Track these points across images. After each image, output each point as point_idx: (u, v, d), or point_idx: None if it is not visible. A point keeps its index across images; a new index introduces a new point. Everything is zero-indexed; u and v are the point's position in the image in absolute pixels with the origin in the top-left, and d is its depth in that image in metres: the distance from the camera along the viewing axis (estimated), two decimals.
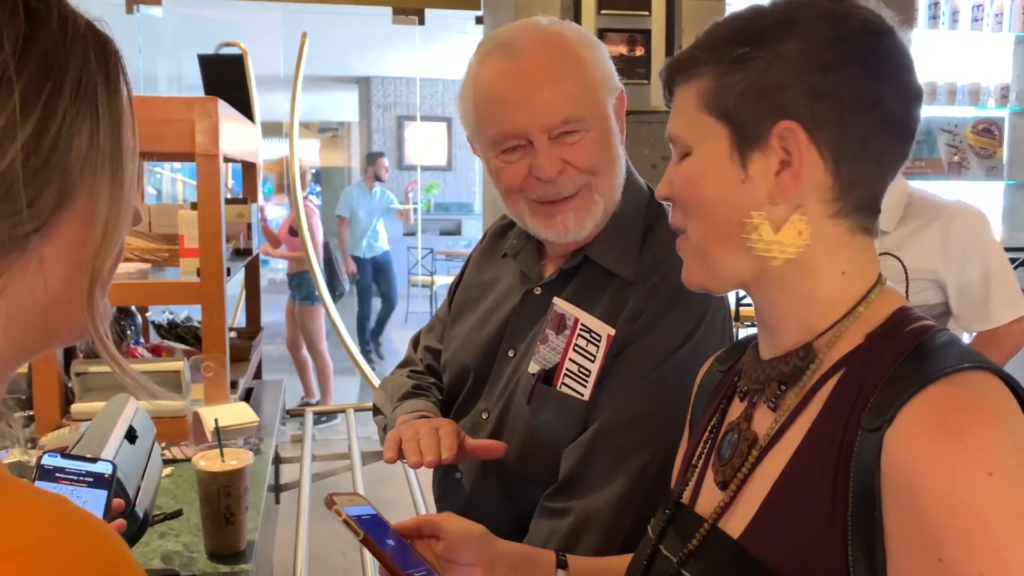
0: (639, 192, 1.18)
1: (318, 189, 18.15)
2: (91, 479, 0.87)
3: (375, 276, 7.09)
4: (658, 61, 3.82)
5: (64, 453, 0.90)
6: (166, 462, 1.77)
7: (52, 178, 0.51)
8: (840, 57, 0.69)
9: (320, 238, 5.69)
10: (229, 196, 3.11)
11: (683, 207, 0.76)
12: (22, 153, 0.49)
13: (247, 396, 2.31)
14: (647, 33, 3.79)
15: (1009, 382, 0.65)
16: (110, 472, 0.88)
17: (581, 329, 1.07)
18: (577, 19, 3.82)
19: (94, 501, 0.85)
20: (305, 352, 5.65)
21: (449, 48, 7.35)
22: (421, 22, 5.24)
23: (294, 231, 5.22)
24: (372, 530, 0.83)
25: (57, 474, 0.87)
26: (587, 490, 1.03)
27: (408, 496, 2.19)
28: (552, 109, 1.05)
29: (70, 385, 1.94)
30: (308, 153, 14.96)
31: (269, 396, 2.39)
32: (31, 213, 0.50)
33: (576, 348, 1.07)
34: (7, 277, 0.51)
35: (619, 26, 3.79)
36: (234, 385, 2.20)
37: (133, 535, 1.04)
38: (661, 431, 0.99)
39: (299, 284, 5.61)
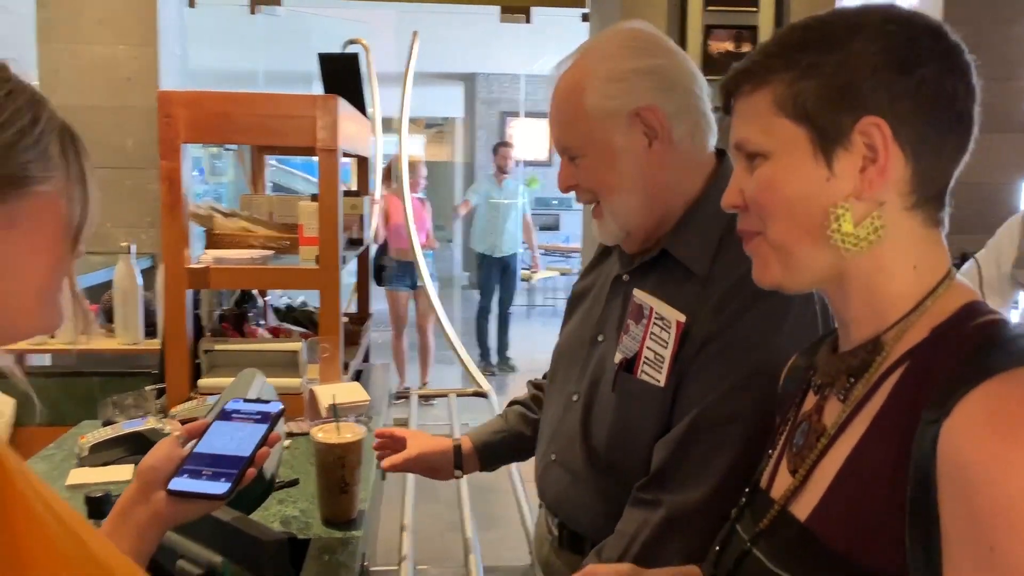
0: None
1: (426, 185, 18.54)
2: (259, 416, 0.99)
3: (500, 279, 7.04)
4: None
5: (245, 399, 1.04)
6: (288, 435, 1.90)
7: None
8: (916, 56, 0.72)
9: (428, 229, 5.91)
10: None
11: (761, 210, 0.79)
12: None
13: (357, 377, 2.44)
14: (754, 29, 3.76)
15: None
16: (277, 411, 1.01)
17: (656, 317, 1.13)
18: (683, 16, 3.82)
19: (255, 433, 0.97)
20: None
21: (554, 45, 7.41)
22: (528, 20, 5.31)
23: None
24: None
25: (233, 415, 1.01)
26: (679, 486, 1.07)
27: (507, 483, 2.28)
28: (554, 137, 1.21)
29: (198, 361, 2.10)
30: (414, 148, 15.31)
31: (377, 378, 2.51)
32: None
33: (652, 336, 1.13)
34: None
35: (726, 22, 3.78)
36: (345, 367, 2.33)
37: (260, 495, 1.15)
38: (750, 432, 1.02)
39: (405, 272, 5.85)
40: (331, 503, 1.45)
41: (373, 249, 5.74)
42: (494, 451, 1.52)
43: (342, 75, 2.97)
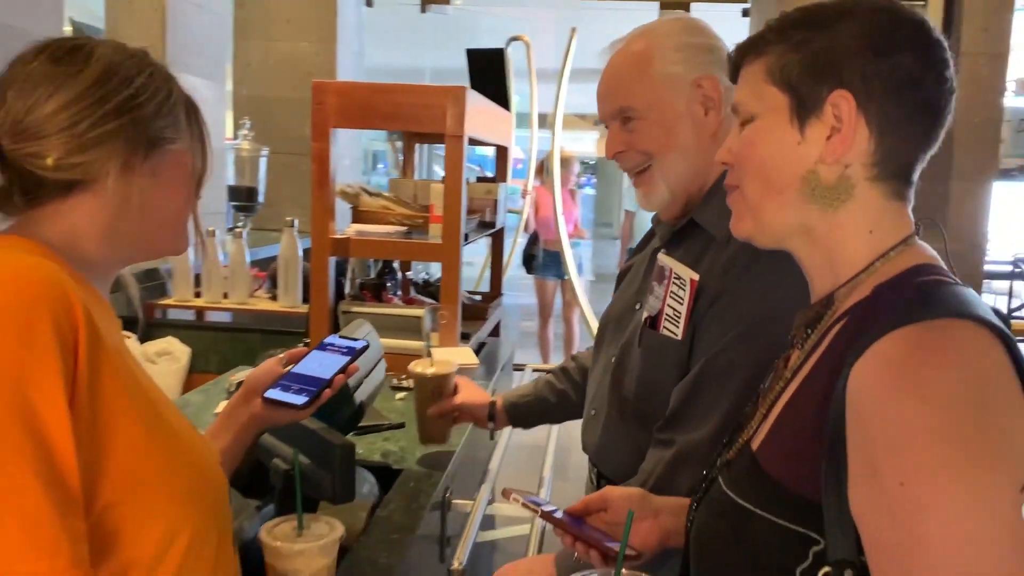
0: None
1: (594, 180, 18.66)
2: (346, 349, 1.19)
3: None
4: None
5: (340, 335, 1.25)
6: (403, 389, 2.13)
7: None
8: (894, 43, 0.80)
9: (577, 220, 6.07)
10: (481, 175, 3.47)
11: (741, 166, 0.88)
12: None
13: (480, 348, 2.64)
14: None
15: (1004, 338, 0.72)
16: (360, 347, 1.20)
17: (674, 277, 1.25)
18: None
19: (338, 362, 1.16)
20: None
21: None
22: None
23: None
24: (548, 511, 1.04)
25: (328, 347, 1.21)
26: (687, 427, 1.19)
27: None
28: (610, 101, 1.31)
29: (339, 321, 2.37)
30: (585, 145, 15.48)
31: (498, 351, 2.71)
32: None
33: (671, 295, 1.25)
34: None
35: None
36: (467, 337, 2.54)
37: (350, 417, 1.36)
38: (751, 378, 1.10)
39: (553, 262, 6.05)
40: (426, 426, 1.62)
41: (523, 238, 5.98)
42: (519, 412, 1.69)
43: (488, 70, 3.19)
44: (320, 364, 1.17)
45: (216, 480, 0.89)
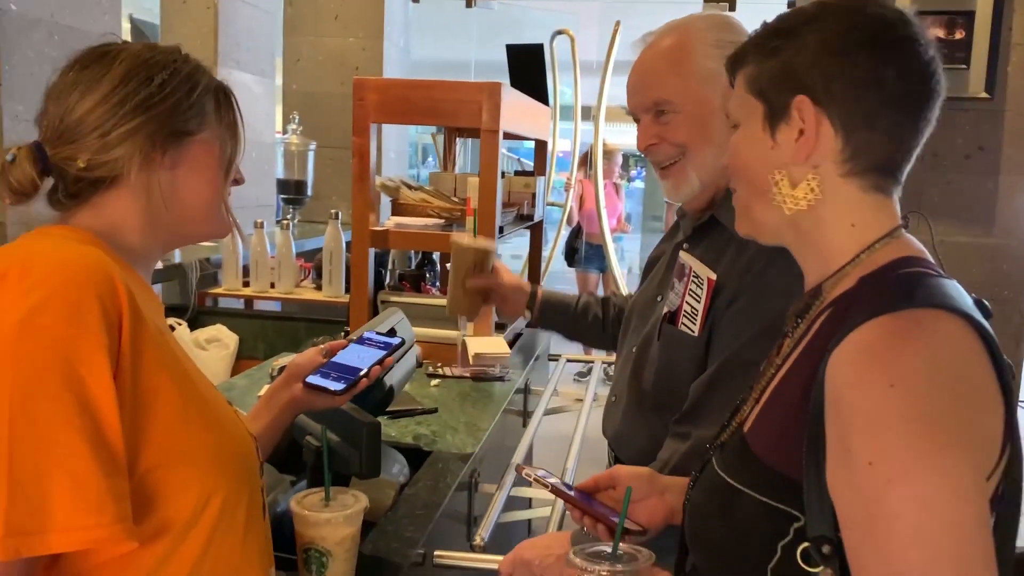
0: None
1: (644, 173, 18.55)
2: (383, 344, 1.27)
3: None
4: (981, 45, 3.58)
5: (378, 331, 1.33)
6: (438, 376, 2.21)
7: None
8: (850, 43, 0.83)
9: (620, 214, 6.09)
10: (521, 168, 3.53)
11: (732, 170, 0.94)
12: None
13: (516, 339, 2.71)
14: (970, 15, 3.56)
15: (981, 331, 0.75)
16: (396, 343, 1.28)
17: (692, 275, 1.29)
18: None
19: (375, 355, 1.24)
20: None
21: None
22: (732, 8, 5.31)
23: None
24: (559, 486, 1.09)
25: (366, 340, 1.29)
26: (706, 422, 1.22)
27: None
28: (644, 93, 1.33)
29: (377, 310, 2.46)
30: (632, 138, 15.38)
31: (535, 342, 2.77)
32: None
33: (690, 292, 1.29)
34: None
35: (938, 7, 3.60)
36: (503, 327, 2.60)
37: (381, 400, 1.44)
38: None
39: (595, 255, 6.08)
40: (457, 301, 1.66)
41: (566, 231, 6.02)
42: (554, 311, 1.77)
43: (527, 65, 3.24)
44: (359, 356, 1.25)
45: (245, 451, 0.96)
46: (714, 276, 1.26)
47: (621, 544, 0.94)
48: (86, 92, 0.89)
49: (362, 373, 1.21)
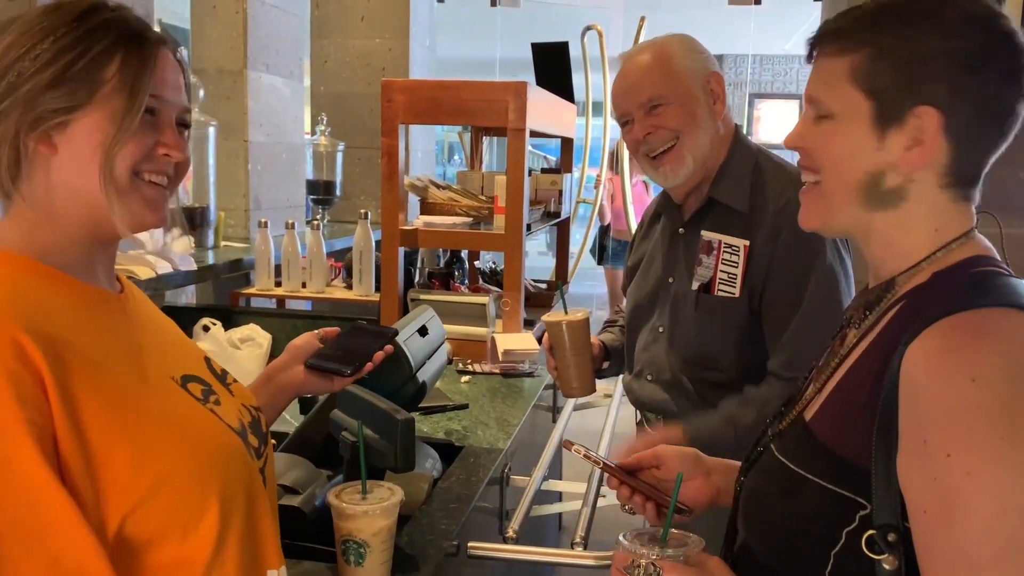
0: (747, 150, 1.54)
1: None
2: (378, 332, 1.28)
3: None
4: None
5: (368, 322, 1.34)
6: (469, 373, 2.24)
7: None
8: (985, 59, 0.81)
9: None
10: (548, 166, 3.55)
11: (817, 161, 0.89)
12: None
13: (543, 335, 2.73)
14: None
15: None
16: (391, 332, 1.29)
17: (724, 246, 1.51)
18: None
19: (373, 340, 1.25)
20: None
21: (784, 26, 7.24)
22: (757, 1, 5.29)
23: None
24: (608, 463, 1.10)
25: (360, 328, 1.29)
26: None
27: None
28: (639, 92, 1.52)
29: (408, 308, 2.49)
30: None
31: None
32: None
33: (723, 261, 1.51)
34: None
35: None
36: (531, 323, 2.63)
37: (414, 395, 1.47)
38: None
39: (624, 252, 6.08)
40: (583, 375, 1.61)
41: (595, 228, 6.02)
42: (618, 357, 1.83)
43: (552, 63, 3.26)
44: (358, 342, 1.26)
45: (228, 449, 0.90)
46: (747, 242, 1.47)
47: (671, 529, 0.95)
48: None
49: (366, 357, 1.21)
